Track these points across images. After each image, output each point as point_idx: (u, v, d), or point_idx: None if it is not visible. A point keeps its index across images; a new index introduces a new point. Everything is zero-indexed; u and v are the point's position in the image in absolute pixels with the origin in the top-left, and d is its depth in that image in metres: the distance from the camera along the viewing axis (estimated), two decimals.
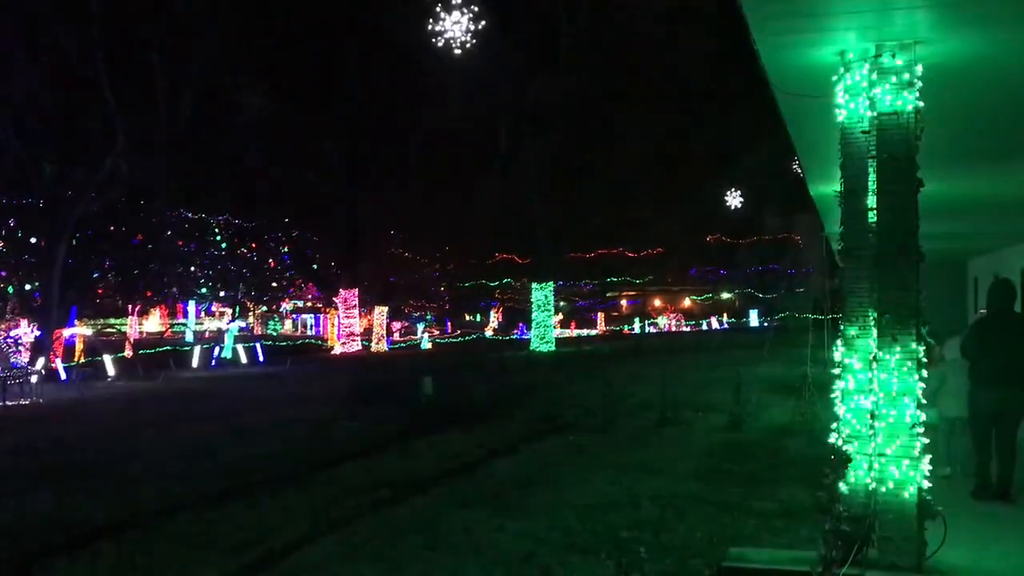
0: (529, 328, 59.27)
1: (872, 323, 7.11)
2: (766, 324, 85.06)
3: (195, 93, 47.68)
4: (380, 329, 65.55)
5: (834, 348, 7.56)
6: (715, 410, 19.28)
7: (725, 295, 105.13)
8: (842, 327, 7.39)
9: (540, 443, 16.52)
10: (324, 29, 56.86)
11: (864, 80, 7.24)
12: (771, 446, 15.13)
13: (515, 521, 10.29)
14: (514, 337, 75.71)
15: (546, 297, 55.85)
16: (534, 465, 14.22)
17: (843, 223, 7.50)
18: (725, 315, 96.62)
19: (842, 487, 7.16)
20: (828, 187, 10.53)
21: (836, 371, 7.46)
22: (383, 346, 64.15)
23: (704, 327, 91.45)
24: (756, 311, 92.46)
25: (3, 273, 52.14)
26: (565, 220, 68.53)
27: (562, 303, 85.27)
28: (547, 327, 56.07)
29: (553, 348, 54.56)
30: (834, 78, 7.41)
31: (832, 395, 7.53)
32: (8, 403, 28.33)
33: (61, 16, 39.50)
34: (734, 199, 74.61)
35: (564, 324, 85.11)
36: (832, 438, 7.37)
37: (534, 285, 57.09)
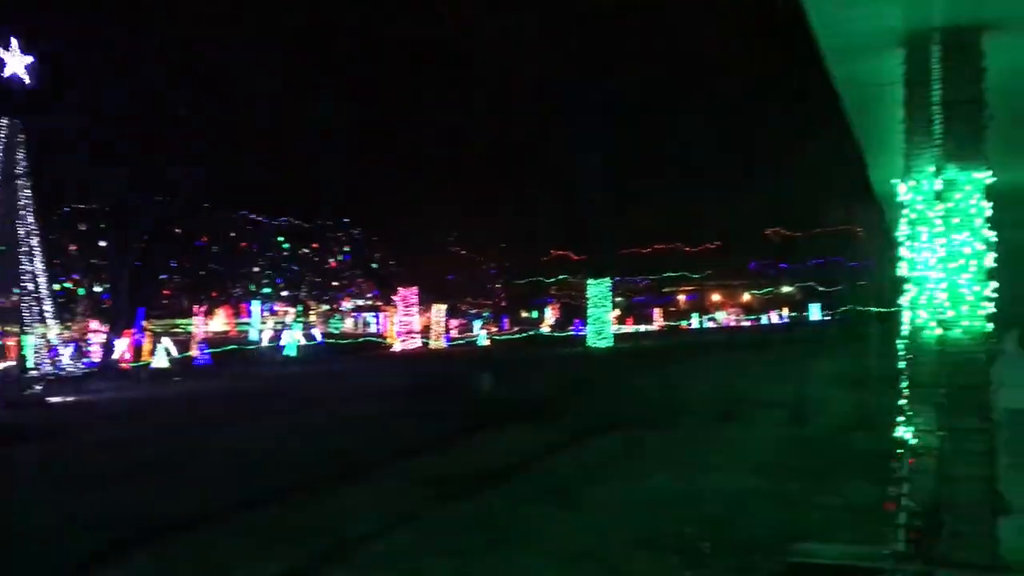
0: (585, 324, 59.13)
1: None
2: (828, 318, 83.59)
3: (259, 100, 48.73)
4: (438, 326, 66.03)
5: (901, 341, 7.45)
6: (777, 405, 19.07)
7: (785, 289, 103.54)
8: (911, 320, 7.29)
9: (601, 439, 16.54)
10: (378, 36, 57.70)
11: (931, 67, 7.11)
12: (836, 441, 14.93)
13: (577, 515, 10.35)
14: (570, 333, 75.56)
15: (602, 293, 55.66)
16: (595, 461, 14.25)
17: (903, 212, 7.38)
18: (785, 309, 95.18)
19: (911, 482, 7.07)
20: (889, 176, 10.36)
21: (904, 364, 7.35)
22: (441, 343, 64.63)
23: (764, 321, 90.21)
24: (818, 305, 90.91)
25: (75, 276, 53.62)
26: (621, 215, 68.35)
27: (618, 299, 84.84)
28: (604, 323, 55.88)
29: (610, 344, 54.37)
30: (900, 65, 7.29)
31: (900, 389, 7.43)
32: (81, 399, 29.33)
33: (129, 28, 40.61)
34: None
35: (621, 320, 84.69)
36: (900, 432, 7.27)
37: (590, 281, 56.93)
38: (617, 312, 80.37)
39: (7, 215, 34.10)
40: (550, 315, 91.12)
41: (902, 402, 7.29)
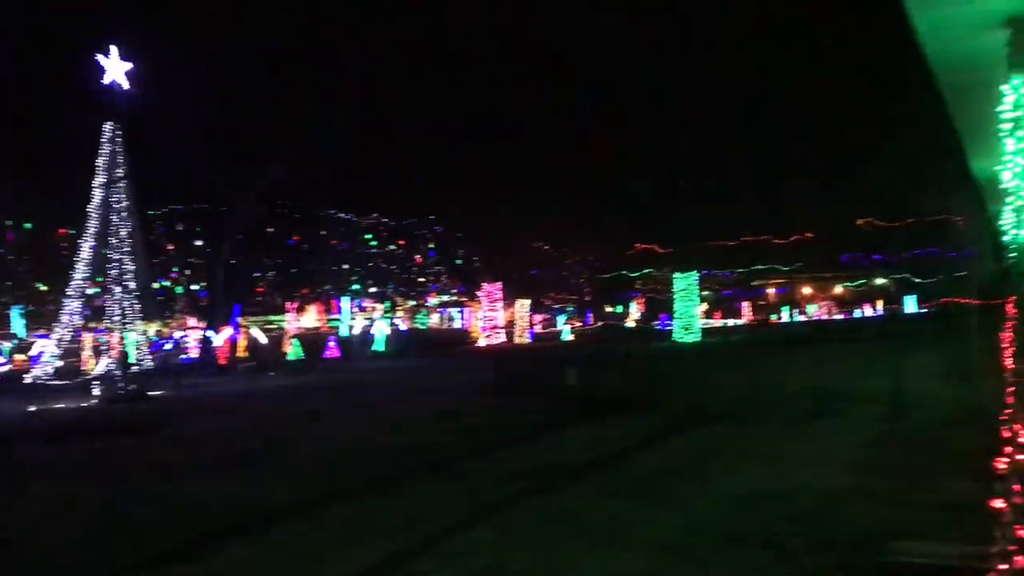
0: (671, 318, 58.48)
1: None
2: (924, 311, 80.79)
3: (348, 100, 49.67)
4: (523, 321, 66.28)
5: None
6: (872, 400, 18.54)
7: (879, 281, 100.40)
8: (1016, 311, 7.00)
9: (688, 434, 16.37)
10: (462, 35, 58.17)
11: None
12: (934, 436, 14.44)
13: (665, 511, 10.27)
14: (656, 328, 74.89)
15: (689, 287, 54.94)
16: (683, 456, 14.11)
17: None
18: (879, 302, 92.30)
19: (1015, 477, 6.80)
20: (991, 164, 9.97)
21: (1008, 359, 7.07)
22: (526, 338, 64.85)
23: (857, 315, 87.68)
24: (913, 297, 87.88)
25: (173, 274, 55.52)
26: (709, 207, 67.36)
27: (706, 292, 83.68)
28: (691, 317, 55.18)
29: (698, 338, 53.67)
30: (1004, 49, 7.02)
31: (1004, 382, 7.15)
32: (180, 393, 30.46)
33: (226, 33, 41.96)
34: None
35: (708, 314, 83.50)
36: (1004, 427, 6.99)
37: (676, 275, 56.27)
38: (704, 306, 79.32)
39: (109, 216, 35.62)
40: (635, 309, 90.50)
41: (1008, 396, 7.01)
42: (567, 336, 67.29)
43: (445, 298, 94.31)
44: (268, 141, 44.15)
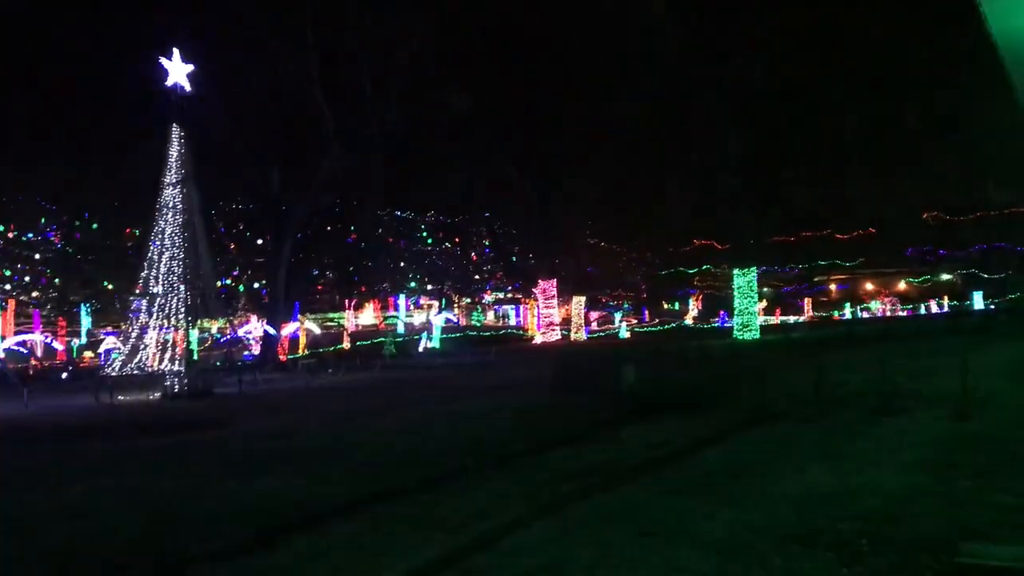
0: (731, 316, 57.77)
1: None
2: (993, 306, 78.55)
3: (401, 97, 50.01)
4: (578, 318, 66.12)
5: None
6: (940, 399, 18.10)
7: (945, 276, 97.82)
8: None
9: (750, 433, 16.16)
10: (512, 27, 58.04)
11: None
12: (1006, 436, 14.04)
13: (727, 510, 10.16)
14: (715, 325, 74.08)
15: (748, 283, 54.22)
16: (744, 455, 13.94)
17: None
18: (945, 298, 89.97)
19: None
20: None
21: None
22: (582, 335, 64.70)
23: (922, 311, 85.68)
24: (980, 293, 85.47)
25: (235, 273, 56.45)
26: (768, 202, 66.29)
27: (765, 289, 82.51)
28: (750, 314, 54.46)
29: (757, 336, 52.96)
30: None
31: None
32: (243, 391, 31.07)
33: (279, 33, 42.62)
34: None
35: (768, 311, 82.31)
36: None
37: (735, 271, 55.55)
38: (764, 303, 78.24)
39: (175, 216, 36.44)
40: (693, 306, 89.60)
41: None
42: (624, 333, 66.95)
43: (501, 295, 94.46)
44: (323, 138, 44.74)
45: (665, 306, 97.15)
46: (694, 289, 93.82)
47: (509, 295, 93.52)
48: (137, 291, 39.25)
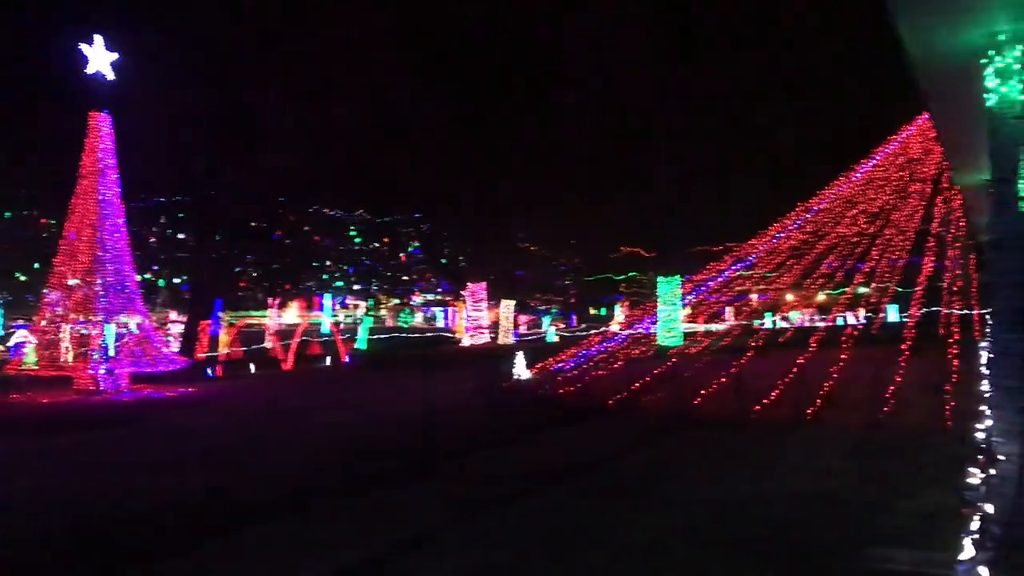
0: (655, 322, 58.59)
1: None
2: (907, 319, 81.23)
3: (342, 96, 49.56)
4: (507, 322, 66.25)
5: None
6: (855, 408, 18.62)
7: (862, 289, 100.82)
8: (992, 323, 7.08)
9: (671, 437, 16.39)
10: (465, 29, 58.15)
11: (1017, 63, 6.89)
12: (913, 446, 14.54)
13: (644, 513, 10.30)
14: (639, 332, 75.02)
15: (672, 290, 55.09)
16: (665, 460, 14.14)
17: (992, 213, 7.18)
18: (861, 310, 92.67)
19: (990, 488, 6.86)
20: (973, 176, 10.05)
21: (985, 369, 7.14)
22: (510, 339, 64.84)
23: (840, 321, 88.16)
24: (896, 306, 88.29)
25: (155, 267, 55.06)
26: (695, 212, 67.61)
27: (689, 296, 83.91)
28: (674, 320, 55.33)
29: (680, 342, 53.82)
30: (983, 61, 7.09)
31: (980, 394, 7.22)
32: (164, 393, 30.32)
33: (212, 22, 41.75)
34: None
35: (692, 318, 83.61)
36: (979, 438, 7.06)
37: (660, 279, 56.40)
38: (688, 310, 79.55)
39: (94, 207, 35.32)
40: (619, 312, 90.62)
41: (984, 408, 7.08)
42: (552, 338, 67.32)
43: (429, 297, 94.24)
44: (255, 135, 43.98)
45: (592, 311, 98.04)
46: (621, 295, 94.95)
47: (438, 297, 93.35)
48: (52, 283, 37.94)
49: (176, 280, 55.30)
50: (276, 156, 44.32)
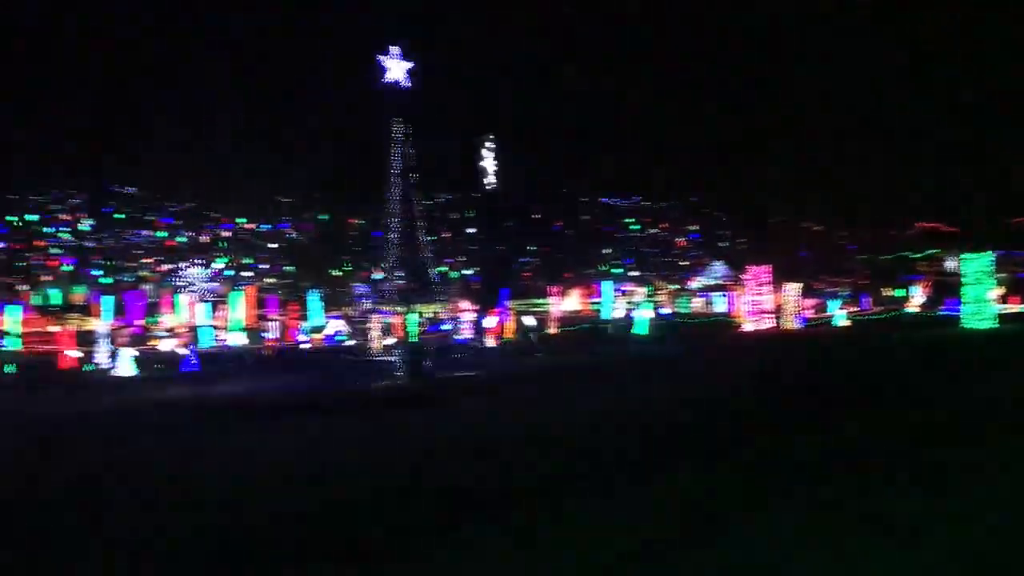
0: (960, 303, 53.53)
1: None
2: None
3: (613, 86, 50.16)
4: (792, 306, 63.65)
5: None
6: None
7: None
8: None
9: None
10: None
11: None
12: None
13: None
14: (942, 313, 68.97)
15: (981, 269, 50.02)
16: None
17: None
18: None
19: None
20: None
21: None
22: (795, 323, 62.27)
23: None
24: None
25: (449, 260, 58.67)
26: (1004, 181, 60.86)
27: (1001, 275, 75.78)
28: (983, 302, 50.27)
29: (992, 324, 48.83)
30: None
31: None
32: (457, 375, 32.43)
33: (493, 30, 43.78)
34: None
35: (1004, 298, 75.46)
36: None
37: (966, 256, 51.41)
38: (1001, 290, 71.97)
39: (397, 207, 38.51)
40: (919, 293, 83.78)
41: None
42: (842, 322, 63.78)
43: (708, 282, 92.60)
44: (535, 131, 45.67)
45: (887, 293, 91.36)
46: (921, 275, 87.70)
47: (717, 281, 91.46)
48: (361, 278, 41.83)
49: (467, 272, 59.23)
50: (559, 150, 45.84)
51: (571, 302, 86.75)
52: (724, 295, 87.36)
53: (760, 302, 62.33)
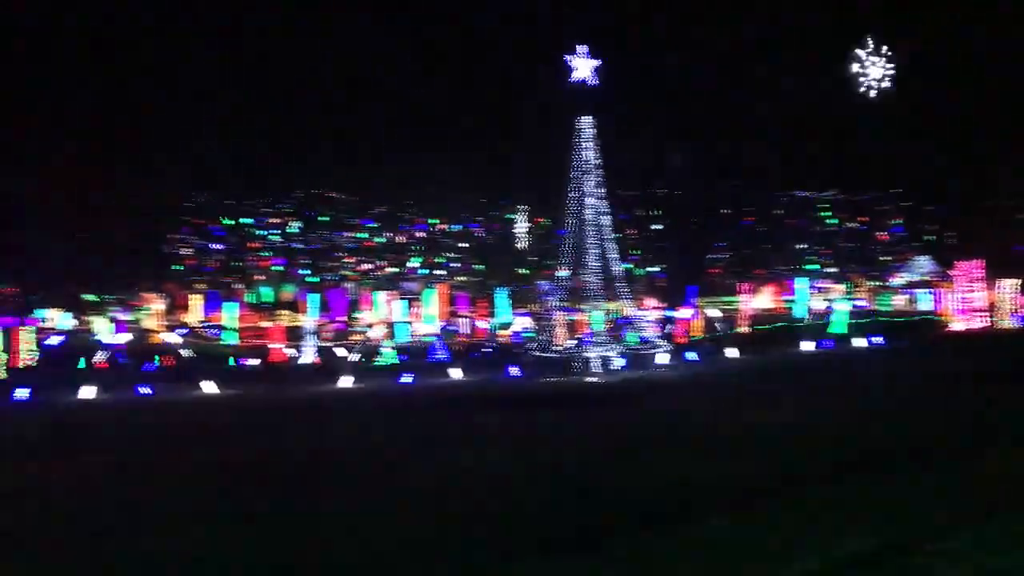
0: None
1: None
2: None
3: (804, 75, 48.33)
4: (1007, 304, 58.76)
5: None
6: None
7: None
8: None
9: None
10: None
11: None
12: None
13: None
14: None
15: None
16: None
17: None
18: None
19: None
20: None
21: None
22: (1012, 322, 57.44)
23: None
24: None
25: (634, 256, 58.37)
26: None
27: None
28: None
29: None
30: None
31: None
32: (642, 372, 32.27)
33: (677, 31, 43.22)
34: None
35: None
36: None
37: None
38: None
39: (581, 205, 38.70)
40: None
41: None
42: None
43: (912, 278, 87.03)
44: (725, 123, 44.63)
45: None
46: None
47: (923, 277, 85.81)
48: (546, 275, 42.40)
49: (653, 269, 58.71)
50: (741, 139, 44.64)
51: (763, 299, 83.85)
52: (930, 292, 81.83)
53: (971, 299, 57.99)
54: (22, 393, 30.45)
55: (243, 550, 10.01)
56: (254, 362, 46.82)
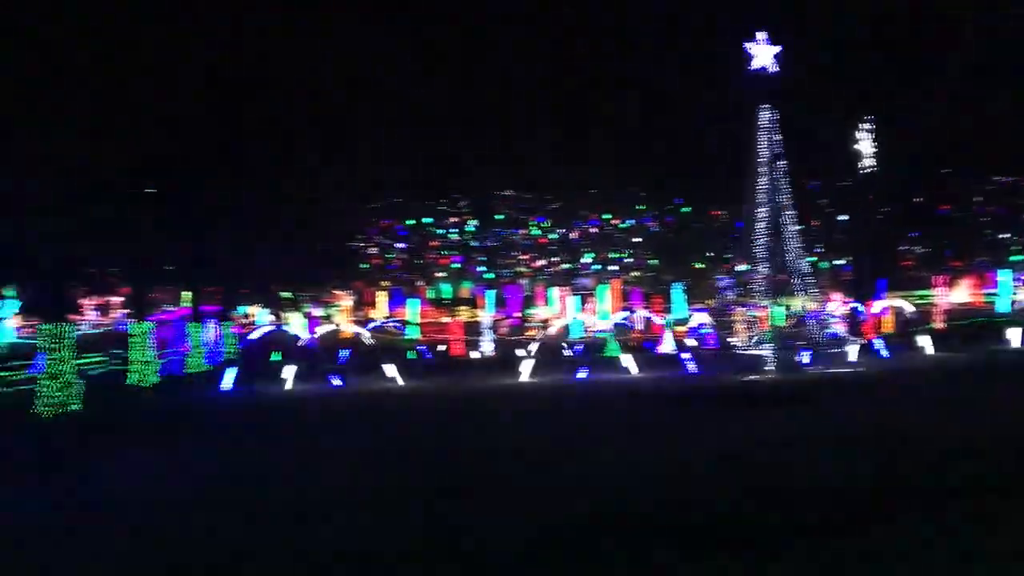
0: None
1: None
2: None
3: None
4: None
5: None
6: None
7: None
8: None
9: None
10: None
11: None
12: None
13: None
14: None
15: None
16: None
17: None
18: None
19: None
20: None
21: None
22: None
23: None
24: None
25: (818, 249, 56.19)
26: None
27: None
28: None
29: None
30: None
31: None
32: (827, 370, 30.97)
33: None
34: None
35: None
36: None
37: None
38: None
39: (763, 197, 37.53)
40: None
41: None
42: None
43: None
44: (917, 107, 42.14)
45: None
46: None
47: None
48: (724, 270, 41.49)
49: (839, 262, 55.99)
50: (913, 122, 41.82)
51: (960, 293, 78.59)
52: None
53: None
54: (227, 383, 32.89)
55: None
56: (440, 348, 49.28)
